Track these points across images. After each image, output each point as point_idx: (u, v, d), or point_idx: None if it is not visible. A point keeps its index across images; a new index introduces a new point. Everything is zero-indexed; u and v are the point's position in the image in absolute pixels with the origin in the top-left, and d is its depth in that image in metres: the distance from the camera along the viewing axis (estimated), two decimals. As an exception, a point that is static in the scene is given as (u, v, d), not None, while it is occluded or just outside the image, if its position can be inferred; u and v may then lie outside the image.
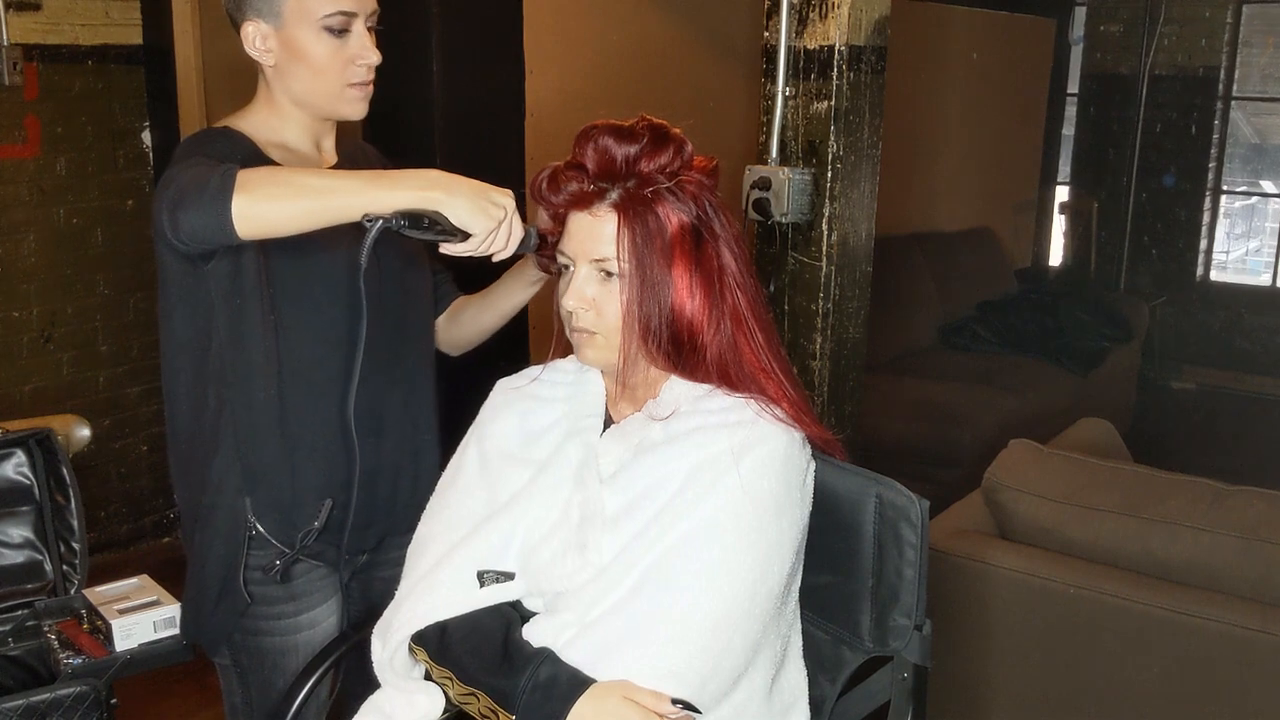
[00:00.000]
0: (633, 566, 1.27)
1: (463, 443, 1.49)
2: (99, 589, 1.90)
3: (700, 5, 3.96)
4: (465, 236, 1.33)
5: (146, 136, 3.71)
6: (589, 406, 1.42)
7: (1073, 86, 6.99)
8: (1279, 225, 7.17)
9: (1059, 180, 7.10)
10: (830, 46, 2.06)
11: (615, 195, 1.32)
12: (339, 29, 1.53)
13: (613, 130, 1.32)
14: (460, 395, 1.71)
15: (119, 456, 3.79)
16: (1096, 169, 6.92)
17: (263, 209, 1.31)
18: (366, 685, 1.43)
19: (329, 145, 1.67)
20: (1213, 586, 2.17)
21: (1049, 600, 2.27)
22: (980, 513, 2.52)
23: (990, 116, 6.06)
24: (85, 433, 2.37)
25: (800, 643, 1.43)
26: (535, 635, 1.31)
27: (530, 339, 2.91)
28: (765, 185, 2.11)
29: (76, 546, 2.00)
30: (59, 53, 3.43)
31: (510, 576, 1.36)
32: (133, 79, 3.64)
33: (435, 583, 1.36)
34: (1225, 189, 6.90)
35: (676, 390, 1.36)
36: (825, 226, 2.12)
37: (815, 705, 1.44)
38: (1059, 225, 7.01)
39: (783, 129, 2.14)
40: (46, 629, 1.82)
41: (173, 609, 1.79)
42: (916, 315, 5.26)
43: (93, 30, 3.50)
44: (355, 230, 1.34)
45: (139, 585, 1.89)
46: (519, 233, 1.38)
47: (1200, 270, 6.82)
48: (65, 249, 3.54)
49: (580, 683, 1.23)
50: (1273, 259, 6.86)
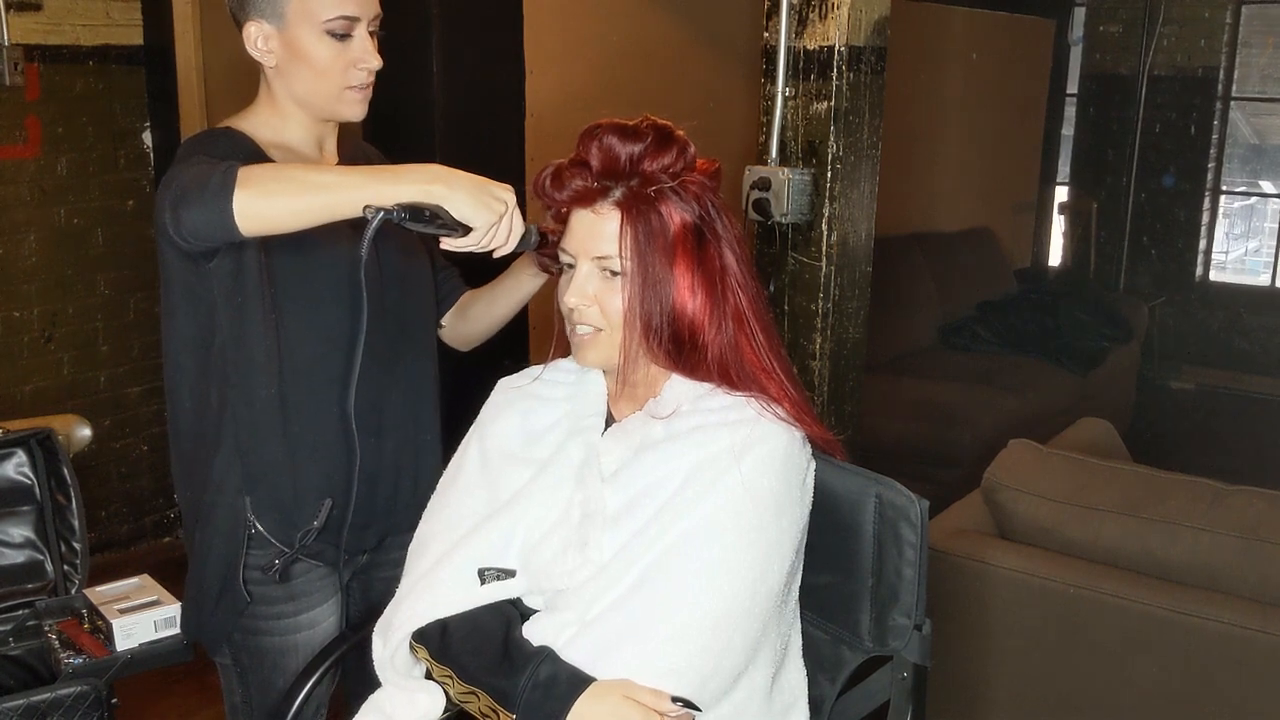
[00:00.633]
0: (633, 565, 1.27)
1: (464, 442, 1.49)
2: (99, 589, 1.89)
3: (700, 5, 3.96)
4: (466, 231, 1.33)
5: (147, 137, 3.71)
6: (590, 406, 1.43)
7: (1072, 87, 7.00)
8: (1278, 225, 7.17)
9: (1058, 180, 7.11)
10: (830, 47, 2.06)
11: (618, 193, 1.32)
12: (341, 33, 1.53)
13: (617, 129, 1.32)
14: (461, 395, 1.71)
15: (119, 456, 3.79)
16: (1096, 169, 6.93)
17: (265, 205, 1.31)
18: (367, 684, 1.43)
19: (331, 146, 1.67)
20: (1212, 586, 2.18)
21: (1049, 600, 2.27)
22: (980, 512, 2.52)
23: (990, 117, 6.06)
24: (86, 433, 2.37)
25: (800, 642, 1.43)
26: (535, 633, 1.31)
27: (530, 339, 2.91)
28: (765, 185, 2.11)
29: (77, 546, 2.00)
30: (60, 53, 3.43)
31: (511, 574, 1.36)
32: (133, 79, 3.64)
33: (436, 581, 1.36)
34: (1224, 189, 6.90)
35: (677, 389, 1.37)
36: (825, 226, 2.12)
37: (815, 705, 1.44)
38: (1058, 225, 7.02)
39: (782, 129, 2.14)
40: (47, 629, 1.82)
41: (173, 609, 1.79)
42: (916, 315, 5.26)
43: (94, 31, 3.51)
44: (357, 229, 1.35)
45: (139, 585, 1.89)
46: (520, 228, 1.38)
47: (1199, 270, 6.83)
48: (66, 249, 3.54)
49: (580, 681, 1.23)
50: (1272, 259, 6.86)
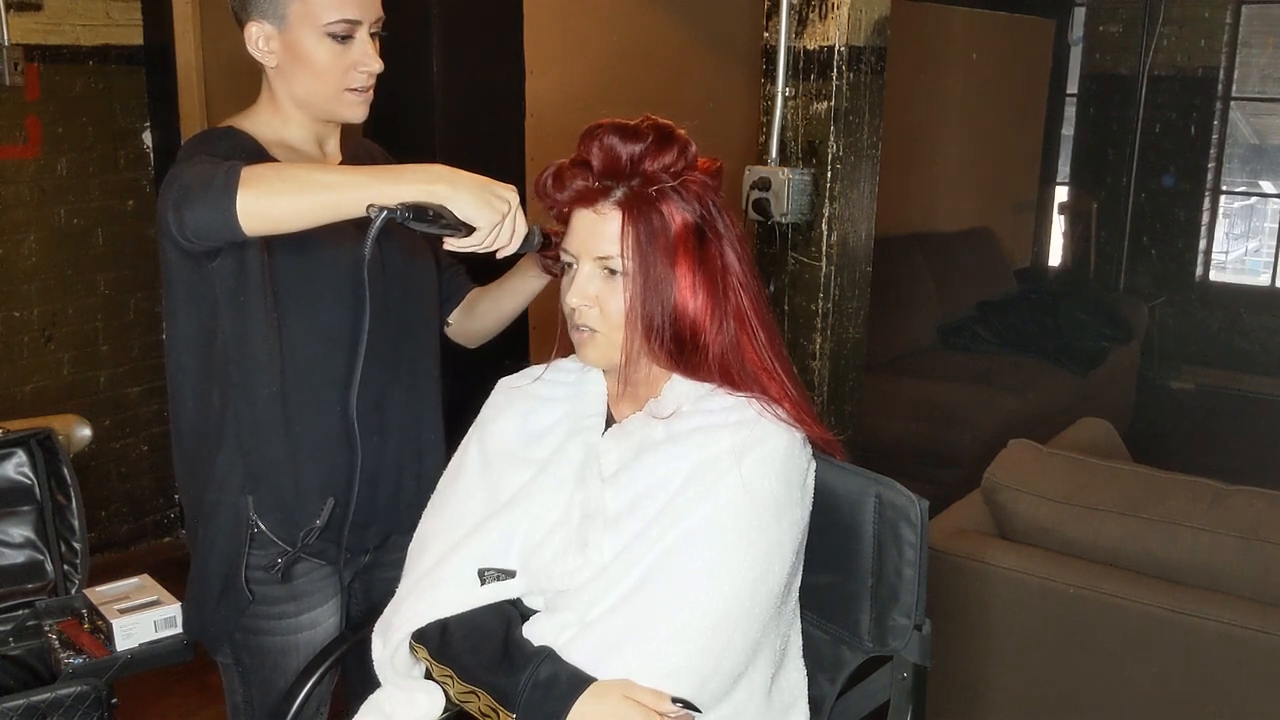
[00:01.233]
0: (634, 565, 1.27)
1: (464, 442, 1.49)
2: (100, 589, 1.89)
3: (700, 5, 3.96)
4: (469, 231, 1.33)
5: (147, 137, 3.71)
6: (590, 406, 1.43)
7: (1072, 87, 7.00)
8: (1278, 225, 7.17)
9: (1058, 180, 7.11)
10: (830, 47, 2.06)
11: (620, 193, 1.32)
12: (342, 35, 1.53)
13: (618, 129, 1.32)
14: (462, 394, 1.71)
15: (120, 456, 3.79)
16: (1096, 169, 6.93)
17: (267, 204, 1.31)
18: (367, 684, 1.43)
19: (333, 146, 1.67)
20: (1212, 586, 2.18)
21: (1049, 600, 2.27)
22: (980, 512, 2.52)
23: (990, 117, 6.06)
24: (86, 432, 2.36)
25: (800, 642, 1.43)
26: (536, 634, 1.31)
27: (531, 339, 2.91)
28: (765, 185, 2.12)
29: (77, 546, 1.99)
30: (60, 53, 3.43)
31: (511, 574, 1.36)
32: (133, 79, 3.64)
33: (436, 581, 1.36)
34: (1224, 189, 6.90)
35: (678, 389, 1.37)
36: (825, 226, 2.12)
37: (815, 705, 1.44)
38: (1058, 225, 7.02)
39: (783, 129, 2.14)
40: (47, 629, 1.82)
41: (173, 609, 1.79)
42: (916, 315, 5.26)
43: (94, 31, 3.51)
44: (359, 228, 1.35)
45: (139, 585, 1.89)
46: (523, 228, 1.38)
47: (1199, 270, 6.83)
48: (66, 249, 3.54)
49: (581, 681, 1.23)
50: (1271, 259, 6.86)
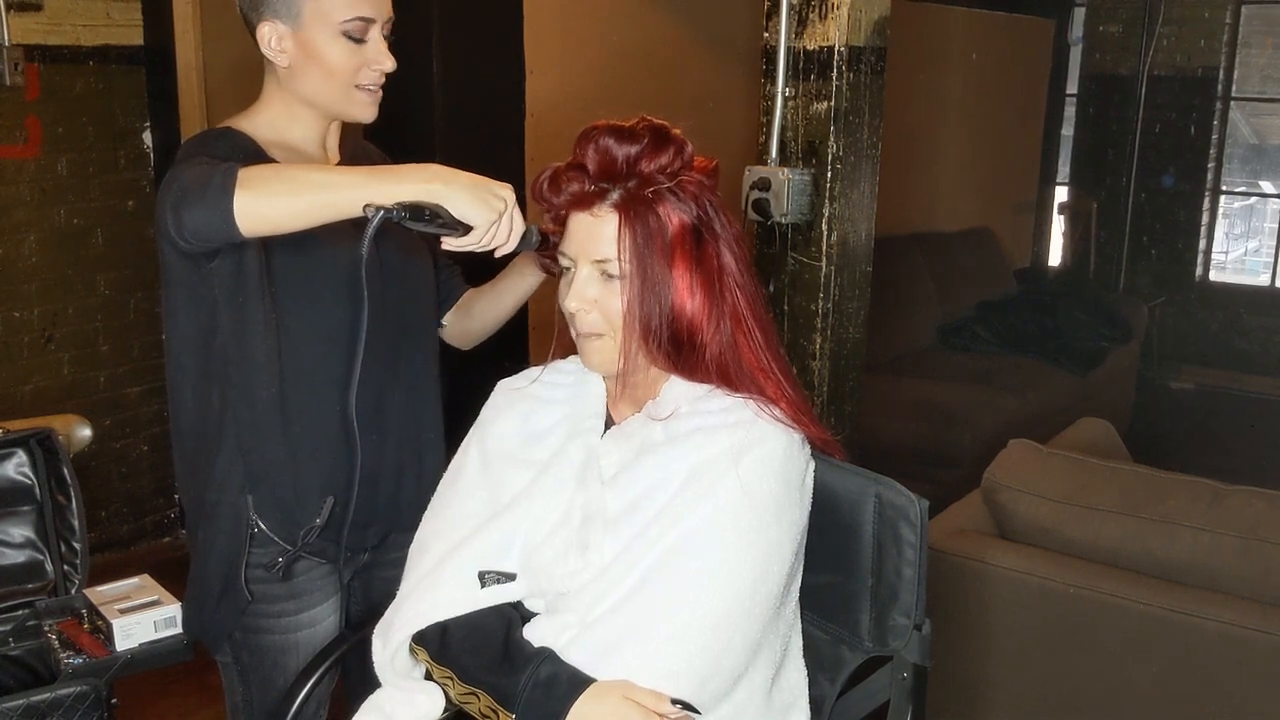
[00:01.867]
0: (633, 567, 1.27)
1: (464, 443, 1.49)
2: (100, 589, 1.89)
3: (700, 6, 3.97)
4: (466, 230, 1.33)
5: (147, 137, 3.71)
6: (590, 407, 1.43)
7: (1072, 87, 7.00)
8: (1278, 225, 7.17)
9: (1058, 180, 7.11)
10: (830, 47, 2.07)
11: (616, 196, 1.32)
12: (357, 36, 1.54)
13: (613, 131, 1.32)
14: (461, 395, 1.71)
15: (120, 456, 3.79)
16: (1096, 169, 6.93)
17: (265, 205, 1.32)
18: (367, 684, 1.43)
19: (333, 145, 1.67)
20: (1212, 586, 2.18)
21: (1048, 600, 2.27)
22: (980, 512, 2.52)
23: (990, 117, 6.06)
24: (86, 432, 2.36)
25: (800, 642, 1.43)
26: (536, 635, 1.31)
27: (530, 339, 2.91)
28: (765, 186, 2.12)
29: (77, 546, 1.99)
30: (60, 53, 3.43)
31: (511, 577, 1.36)
32: (134, 79, 3.64)
33: (436, 582, 1.36)
34: (1224, 189, 6.90)
35: (676, 390, 1.37)
36: (825, 227, 2.12)
37: (815, 705, 1.44)
38: (1058, 225, 7.02)
39: (782, 129, 2.14)
40: (47, 629, 1.82)
41: (173, 608, 1.79)
42: (916, 315, 5.26)
43: (94, 31, 3.51)
44: (357, 228, 1.35)
45: (139, 585, 1.89)
46: (520, 227, 1.38)
47: (1199, 270, 6.83)
48: (66, 249, 3.54)
49: (581, 682, 1.23)
50: (1271, 259, 6.86)
